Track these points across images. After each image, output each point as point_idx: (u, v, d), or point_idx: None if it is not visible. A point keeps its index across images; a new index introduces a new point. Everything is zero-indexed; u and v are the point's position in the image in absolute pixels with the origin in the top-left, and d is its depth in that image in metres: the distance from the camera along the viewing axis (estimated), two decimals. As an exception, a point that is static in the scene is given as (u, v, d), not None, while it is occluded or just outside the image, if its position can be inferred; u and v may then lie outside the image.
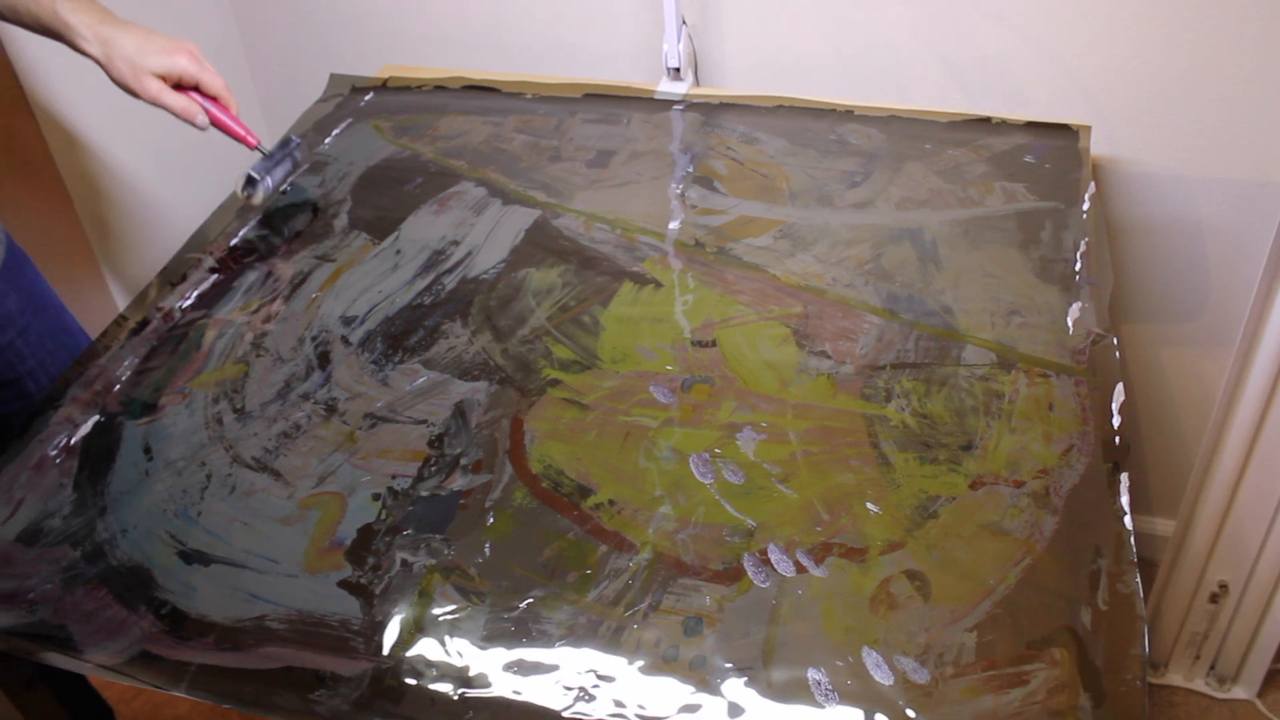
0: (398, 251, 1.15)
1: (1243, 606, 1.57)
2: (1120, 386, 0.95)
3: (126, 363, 1.04)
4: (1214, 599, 1.57)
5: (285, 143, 1.22)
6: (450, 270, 1.12)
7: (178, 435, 0.96)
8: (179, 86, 1.12)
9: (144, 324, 1.08)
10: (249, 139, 1.17)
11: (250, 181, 1.17)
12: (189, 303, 1.11)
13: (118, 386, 1.02)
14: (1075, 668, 0.74)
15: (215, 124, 1.15)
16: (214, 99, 1.15)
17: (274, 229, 1.21)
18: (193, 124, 1.13)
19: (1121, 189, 1.43)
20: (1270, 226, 1.29)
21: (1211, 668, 1.65)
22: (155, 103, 1.10)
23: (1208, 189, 1.40)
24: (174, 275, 1.15)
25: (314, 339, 1.05)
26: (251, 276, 1.14)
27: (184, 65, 1.11)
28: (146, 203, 1.61)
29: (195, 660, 0.79)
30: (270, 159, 1.19)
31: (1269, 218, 1.30)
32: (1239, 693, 1.64)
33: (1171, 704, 1.64)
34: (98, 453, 0.96)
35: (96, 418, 0.99)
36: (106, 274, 1.57)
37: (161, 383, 1.02)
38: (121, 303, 1.58)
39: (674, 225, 1.17)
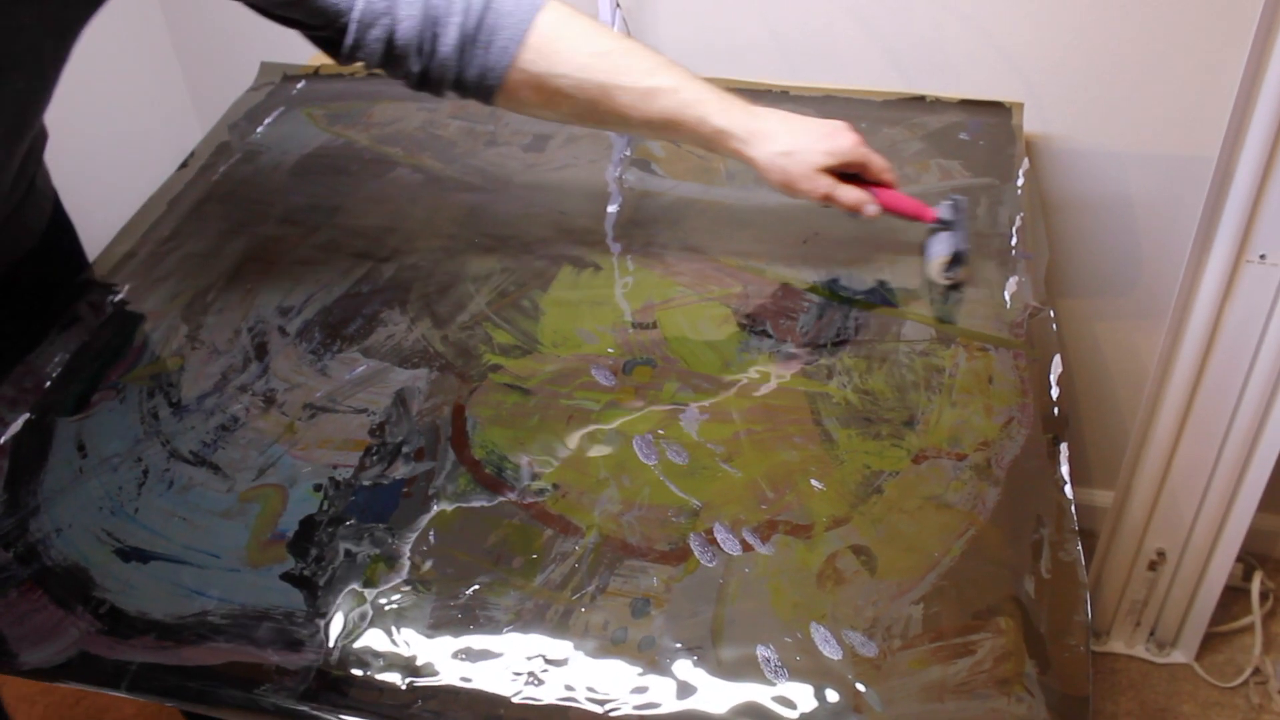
0: (334, 240, 1.14)
1: (1180, 573, 1.60)
2: (1058, 358, 0.96)
3: (56, 359, 1.02)
4: (1152, 567, 1.61)
5: (955, 205, 1.06)
6: (387, 258, 1.11)
7: (112, 431, 0.94)
8: (840, 174, 1.00)
9: (74, 319, 1.06)
10: (926, 214, 1.04)
11: (957, 260, 1.03)
12: (120, 296, 1.08)
13: (48, 383, 0.99)
14: (1020, 636, 0.75)
15: (886, 208, 1.02)
16: (879, 182, 1.02)
17: (207, 220, 1.18)
18: (863, 215, 1.00)
19: (1054, 166, 1.45)
20: (1198, 200, 1.31)
21: (1151, 634, 1.69)
22: (825, 200, 0.99)
23: (1137, 164, 1.42)
24: (104, 268, 1.12)
25: (250, 330, 1.03)
26: (185, 268, 1.11)
27: (851, 152, 0.98)
28: (74, 195, 1.58)
29: (136, 659, 0.77)
30: (956, 228, 1.04)
31: (1197, 192, 1.32)
32: (1177, 657, 1.68)
33: (1113, 670, 1.67)
34: (29, 451, 0.93)
35: (27, 416, 0.96)
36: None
37: (94, 378, 0.99)
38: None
39: (612, 208, 1.17)
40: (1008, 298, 1.02)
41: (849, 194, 0.99)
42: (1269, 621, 1.71)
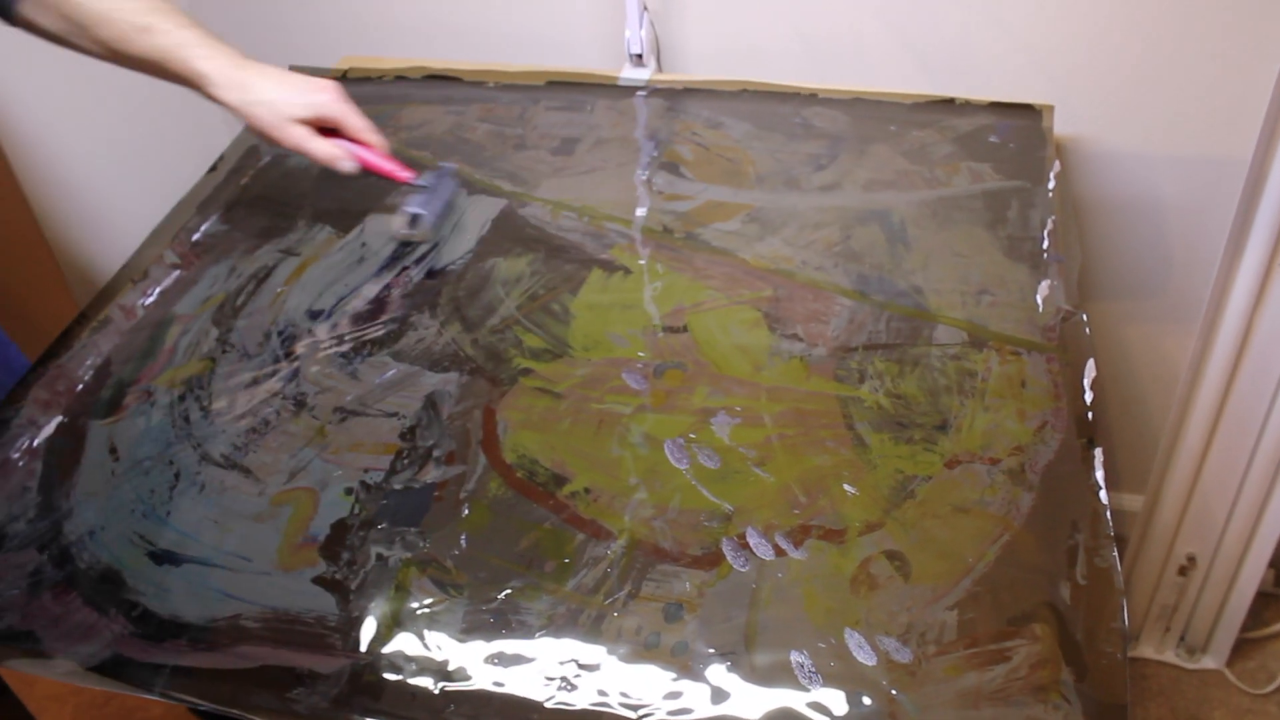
0: (363, 244, 1.14)
1: (1210, 578, 1.59)
2: (1091, 362, 0.95)
3: (89, 362, 1.02)
4: (1182, 571, 1.59)
5: (438, 174, 1.13)
6: (417, 262, 1.11)
7: (144, 434, 0.95)
8: (322, 129, 1.05)
9: (105, 322, 1.06)
10: (402, 175, 1.09)
11: (414, 220, 1.09)
12: (151, 299, 1.09)
13: (80, 386, 1.00)
14: (1056, 643, 0.75)
15: (364, 166, 1.07)
16: (359, 141, 1.07)
17: (236, 224, 1.19)
18: (337, 169, 1.05)
19: (1083, 168, 1.44)
20: (1230, 203, 1.30)
21: (1181, 639, 1.67)
22: (298, 150, 1.04)
23: (1169, 167, 1.41)
24: (135, 272, 1.12)
25: (280, 333, 1.04)
26: (214, 272, 1.12)
27: (327, 106, 1.04)
28: (104, 199, 1.59)
29: (169, 662, 0.78)
30: (428, 192, 1.11)
31: (1229, 194, 1.31)
32: (1208, 662, 1.66)
33: (1143, 676, 1.66)
34: (62, 454, 0.94)
35: (59, 419, 0.97)
36: (65, 272, 1.54)
37: (126, 381, 1.00)
38: (81, 302, 1.56)
39: (641, 211, 1.16)
40: (1040, 301, 1.02)
41: (322, 148, 1.04)
42: (1301, 628, 1.69)
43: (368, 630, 0.78)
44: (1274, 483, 1.46)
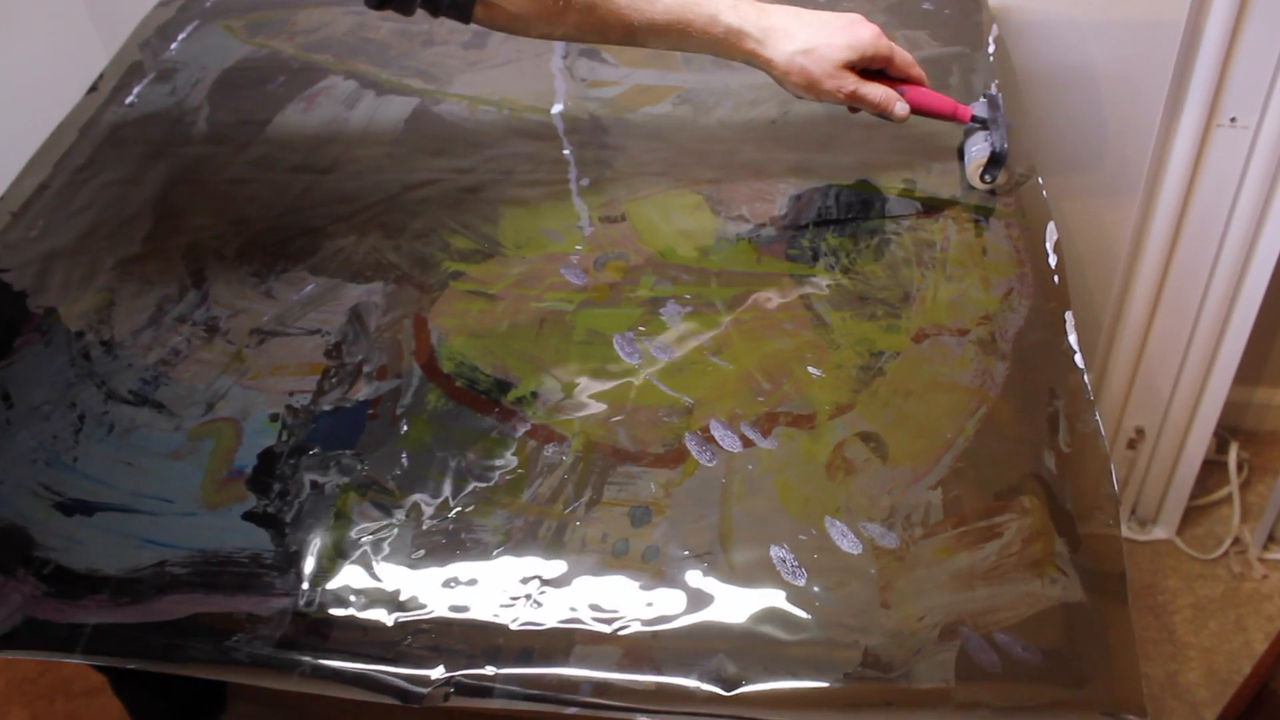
0: (266, 155, 1.05)
1: (1158, 450, 1.59)
2: (1051, 225, 0.91)
3: (-32, 304, 0.93)
4: (1131, 445, 1.59)
5: (991, 101, 0.96)
6: (328, 170, 1.03)
7: (39, 377, 0.86)
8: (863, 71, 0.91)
9: (-15, 260, 0.97)
10: (962, 112, 0.94)
11: (995, 162, 0.93)
12: (35, 232, 0.99)
13: (-39, 331, 0.91)
14: (1047, 514, 0.70)
15: (915, 106, 0.92)
16: (906, 79, 0.92)
17: (125, 145, 1.09)
18: (889, 116, 0.92)
19: (1016, 38, 1.39)
20: (1165, 68, 1.26)
21: (1132, 512, 1.68)
22: (850, 100, 0.90)
23: (1102, 33, 1.37)
24: (13, 204, 1.02)
25: (184, 256, 0.95)
26: (105, 197, 1.02)
27: (870, 43, 0.89)
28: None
29: (90, 620, 0.70)
30: (992, 126, 0.94)
31: (1165, 58, 1.27)
32: (1159, 533, 1.67)
33: (1099, 553, 1.66)
34: (-53, 406, 0.85)
35: (-60, 367, 0.88)
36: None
37: (13, 321, 0.91)
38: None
39: (565, 101, 1.09)
40: (993, 166, 0.97)
41: (876, 92, 0.90)
42: (1245, 491, 1.70)
43: (308, 565, 0.72)
44: (1217, 350, 1.46)
